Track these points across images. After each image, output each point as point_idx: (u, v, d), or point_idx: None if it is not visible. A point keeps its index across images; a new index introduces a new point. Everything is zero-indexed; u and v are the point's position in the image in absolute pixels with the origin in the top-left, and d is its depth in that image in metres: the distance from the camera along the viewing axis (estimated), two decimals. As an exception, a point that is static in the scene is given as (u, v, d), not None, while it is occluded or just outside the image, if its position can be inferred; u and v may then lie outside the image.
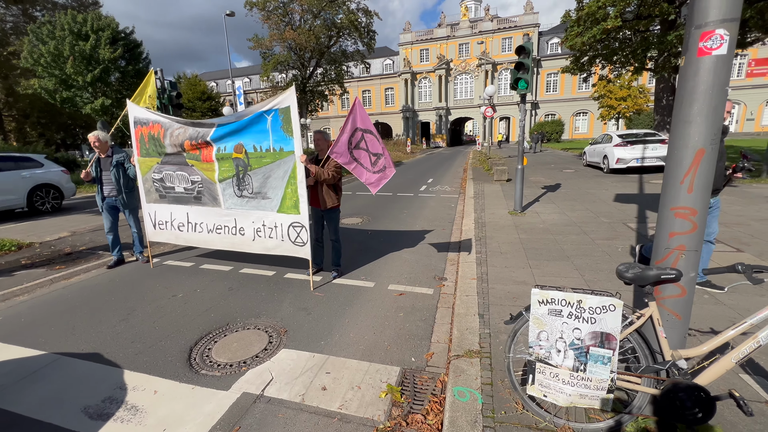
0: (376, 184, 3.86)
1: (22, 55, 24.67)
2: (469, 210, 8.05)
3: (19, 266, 5.09)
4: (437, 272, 4.60)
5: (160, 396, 2.48)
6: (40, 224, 8.32)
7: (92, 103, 24.55)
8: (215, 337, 3.22)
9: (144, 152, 4.73)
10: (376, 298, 3.90)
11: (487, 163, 16.63)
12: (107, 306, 3.89)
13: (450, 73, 48.11)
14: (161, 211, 4.85)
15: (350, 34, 34.97)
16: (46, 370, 2.79)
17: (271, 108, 3.79)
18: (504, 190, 10.36)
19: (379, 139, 3.81)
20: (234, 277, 4.60)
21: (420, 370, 2.71)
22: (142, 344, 3.12)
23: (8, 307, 3.95)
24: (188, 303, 3.90)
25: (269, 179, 4.00)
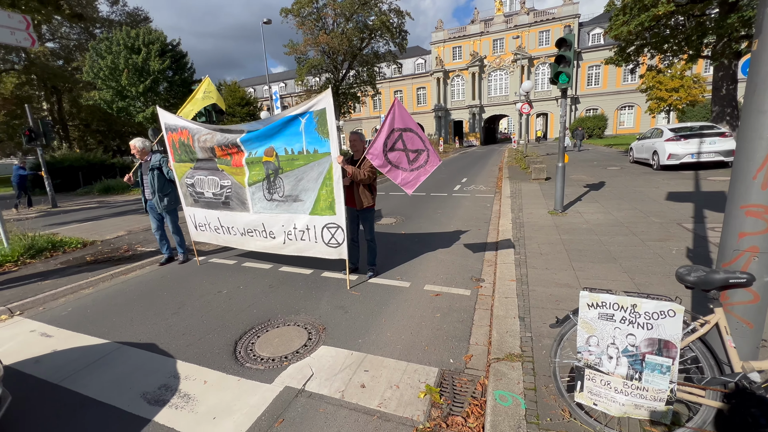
0: (413, 183, 3.85)
1: (84, 70, 27.07)
2: (505, 210, 7.82)
3: (84, 263, 5.57)
4: (474, 273, 4.51)
5: (210, 386, 2.62)
6: (101, 224, 9.08)
7: (144, 111, 26.43)
8: (258, 332, 3.36)
9: (177, 158, 5.00)
10: (412, 299, 3.89)
11: (524, 161, 16.08)
12: (160, 300, 4.17)
13: (484, 70, 47.02)
14: (198, 214, 5.11)
15: (382, 36, 35.18)
16: (110, 357, 3.04)
17: (305, 111, 3.88)
18: (543, 189, 9.97)
19: (420, 135, 3.80)
20: (274, 275, 4.77)
21: (459, 371, 2.66)
22: (192, 336, 3.31)
23: (76, 299, 4.34)
24: (232, 299, 4.09)
25: (302, 181, 4.09)
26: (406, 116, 3.77)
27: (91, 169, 19.18)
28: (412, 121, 3.80)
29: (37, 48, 29.94)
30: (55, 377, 2.79)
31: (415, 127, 3.79)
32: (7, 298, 4.24)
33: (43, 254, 6.01)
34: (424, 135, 3.83)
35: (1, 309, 3.96)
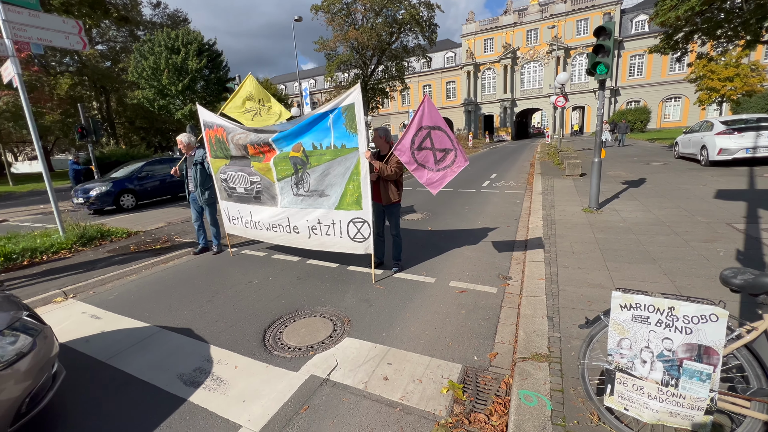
0: (438, 183, 3.81)
1: (129, 70, 28.76)
2: (536, 207, 7.58)
3: (128, 252, 5.97)
4: (501, 271, 4.42)
5: (240, 371, 2.74)
6: (143, 216, 9.67)
7: (182, 109, 27.74)
8: (285, 321, 3.47)
9: (213, 153, 5.21)
10: (436, 294, 3.87)
11: (558, 156, 15.46)
12: (195, 288, 4.40)
13: (516, 62, 45.52)
14: (232, 208, 5.32)
15: (411, 29, 34.86)
16: (150, 339, 3.25)
17: (333, 107, 3.93)
18: (577, 186, 9.57)
19: (449, 134, 3.74)
20: (301, 268, 4.90)
21: (483, 369, 2.63)
22: (224, 323, 3.48)
23: (121, 285, 4.66)
24: (262, 289, 4.24)
25: (328, 176, 4.15)
26: (435, 114, 3.72)
27: (135, 164, 20.40)
28: (441, 119, 3.75)
29: (87, 51, 32.14)
30: (103, 355, 3.03)
31: (443, 125, 3.74)
32: (62, 283, 4.63)
33: (93, 243, 6.50)
34: (452, 134, 3.77)
35: (57, 292, 4.33)
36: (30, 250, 5.79)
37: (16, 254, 5.61)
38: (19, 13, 5.69)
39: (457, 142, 3.76)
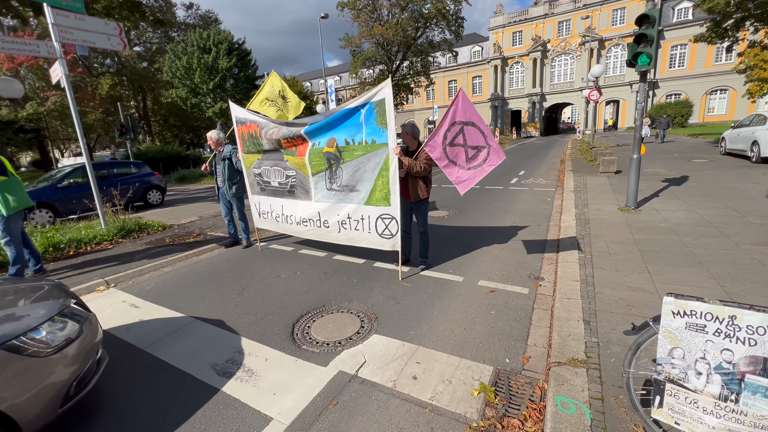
0: (468, 182, 3.70)
1: (164, 70, 29.99)
2: (568, 205, 7.29)
3: (164, 244, 6.22)
4: (532, 271, 4.27)
5: (270, 363, 2.79)
6: (176, 210, 10.07)
7: (213, 107, 28.67)
8: (313, 316, 3.50)
9: (246, 149, 5.31)
10: (465, 293, 3.79)
11: (591, 152, 14.83)
12: (226, 281, 4.52)
13: (546, 56, 43.96)
14: (263, 202, 5.42)
15: (437, 24, 34.36)
16: (185, 330, 3.36)
17: (364, 102, 3.91)
18: (612, 184, 9.13)
19: (483, 130, 3.61)
20: (328, 263, 4.94)
21: (515, 372, 2.55)
22: (254, 316, 3.55)
23: (158, 276, 4.86)
24: (290, 283, 4.31)
25: (359, 171, 4.15)
26: (470, 109, 3.61)
27: (169, 160, 21.35)
28: (476, 114, 3.62)
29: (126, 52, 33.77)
30: (142, 343, 3.16)
31: (478, 121, 3.61)
32: (104, 273, 4.88)
33: (131, 235, 6.82)
34: (487, 129, 3.63)
35: (100, 281, 4.57)
36: (75, 240, 6.15)
37: (63, 244, 5.98)
38: (66, 17, 6.02)
39: (492, 138, 3.62)
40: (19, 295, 2.37)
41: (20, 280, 2.73)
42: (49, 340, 2.04)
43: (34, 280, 2.67)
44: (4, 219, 4.15)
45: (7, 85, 10.73)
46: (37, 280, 2.65)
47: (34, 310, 2.14)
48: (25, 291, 2.43)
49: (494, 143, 3.62)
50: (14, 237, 4.24)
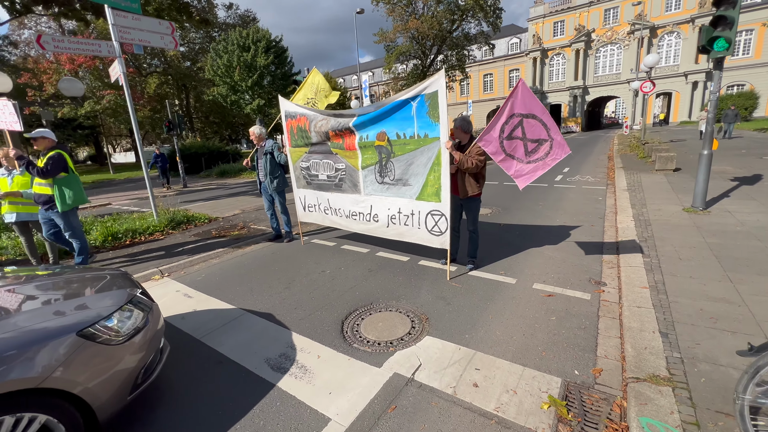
0: (528, 176, 3.48)
1: (206, 69, 31.27)
2: (623, 204, 6.80)
3: (210, 236, 6.42)
4: (592, 275, 3.97)
5: (323, 361, 2.74)
6: (220, 203, 10.42)
7: (251, 104, 29.57)
8: (362, 314, 3.43)
9: (294, 143, 5.33)
10: (519, 297, 3.58)
11: (643, 148, 13.83)
12: (272, 274, 4.56)
13: (590, 46, 41.65)
14: (309, 196, 5.43)
15: (474, 16, 33.41)
16: (237, 321, 3.40)
17: (416, 94, 3.77)
18: (671, 182, 8.43)
19: (545, 122, 3.35)
20: (372, 260, 4.86)
21: (587, 386, 2.34)
22: (303, 311, 3.53)
23: (207, 267, 5.00)
24: (335, 279, 4.27)
25: (411, 166, 4.03)
26: (530, 100, 3.36)
27: (210, 155, 22.24)
28: (537, 105, 3.37)
29: (173, 51, 35.54)
30: (197, 333, 3.22)
31: (540, 112, 3.37)
32: (158, 263, 5.09)
33: (180, 226, 7.11)
34: (551, 122, 3.36)
35: (155, 271, 4.76)
36: (131, 231, 6.48)
37: (120, 234, 6.32)
38: (124, 17, 6.31)
39: (556, 131, 3.36)
40: (89, 284, 2.45)
41: (88, 270, 2.84)
42: (119, 328, 2.09)
43: (101, 270, 2.77)
44: (64, 214, 4.33)
45: (70, 84, 11.51)
46: (104, 270, 2.75)
47: (104, 299, 2.20)
48: (95, 280, 2.51)
49: (558, 136, 3.35)
50: (76, 229, 4.46)
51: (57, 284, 2.45)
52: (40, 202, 4.27)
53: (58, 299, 2.21)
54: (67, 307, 2.06)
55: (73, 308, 2.06)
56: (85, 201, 4.60)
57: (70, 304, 2.10)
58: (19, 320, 1.86)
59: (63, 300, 2.19)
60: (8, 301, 2.12)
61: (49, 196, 4.21)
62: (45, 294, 2.29)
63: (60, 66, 25.91)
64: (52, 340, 1.77)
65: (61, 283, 2.46)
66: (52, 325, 1.86)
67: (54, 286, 2.43)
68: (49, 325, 1.85)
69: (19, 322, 1.84)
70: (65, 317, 1.94)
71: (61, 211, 4.22)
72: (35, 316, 1.93)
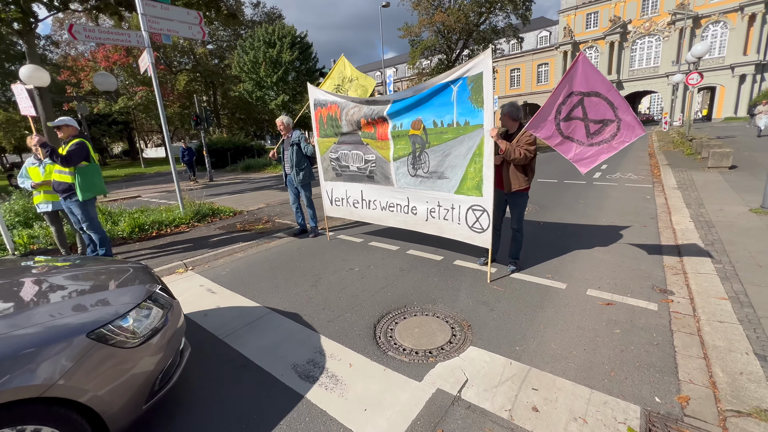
0: (591, 160, 3.07)
1: (233, 65, 31.76)
2: (677, 204, 6.18)
3: (235, 230, 6.29)
4: (655, 282, 3.50)
5: (356, 370, 2.46)
6: (244, 197, 10.39)
7: (276, 99, 29.81)
8: (395, 317, 3.13)
9: (323, 133, 5.06)
10: (573, 304, 3.17)
11: (689, 145, 12.83)
12: (298, 271, 4.33)
13: (626, 38, 39.57)
14: (337, 189, 5.16)
15: (502, 8, 32.35)
16: (262, 321, 3.18)
17: (458, 77, 3.41)
18: (728, 180, 7.67)
19: (612, 100, 2.91)
20: (402, 257, 4.55)
21: (674, 418, 1.94)
22: (331, 312, 3.27)
23: (231, 261, 4.84)
24: (365, 278, 3.99)
25: (449, 157, 3.68)
26: (593, 76, 2.95)
27: (236, 150, 22.55)
28: (601, 82, 2.94)
29: (200, 50, 36.37)
30: (220, 332, 3.02)
31: (605, 90, 2.93)
32: (183, 255, 4.97)
33: (205, 219, 7.04)
34: (619, 100, 2.91)
35: (179, 264, 4.64)
36: (158, 223, 6.45)
37: (147, 226, 6.28)
38: (153, 7, 6.23)
39: (625, 110, 2.90)
40: (105, 278, 2.26)
41: (105, 261, 2.67)
42: (135, 328, 1.87)
43: (120, 262, 2.58)
44: (83, 204, 4.24)
45: (104, 79, 11.75)
46: (123, 263, 2.56)
47: (120, 296, 1.99)
48: (112, 274, 2.32)
49: (628, 116, 2.89)
50: (93, 220, 4.36)
51: (70, 278, 2.26)
52: (60, 190, 4.19)
53: (70, 295, 2.01)
54: (78, 305, 1.85)
55: (85, 306, 1.85)
56: (104, 191, 4.51)
57: (81, 301, 1.90)
58: (23, 320, 1.66)
59: (75, 296, 1.99)
60: (14, 296, 1.94)
61: (69, 184, 4.13)
62: (56, 289, 2.10)
63: (96, 64, 26.95)
64: (58, 343, 1.56)
65: (75, 277, 2.27)
66: (60, 325, 1.65)
67: (67, 280, 2.24)
68: (56, 325, 1.64)
69: (22, 321, 1.64)
70: (75, 316, 1.73)
71: (82, 200, 4.13)
72: (42, 314, 1.73)
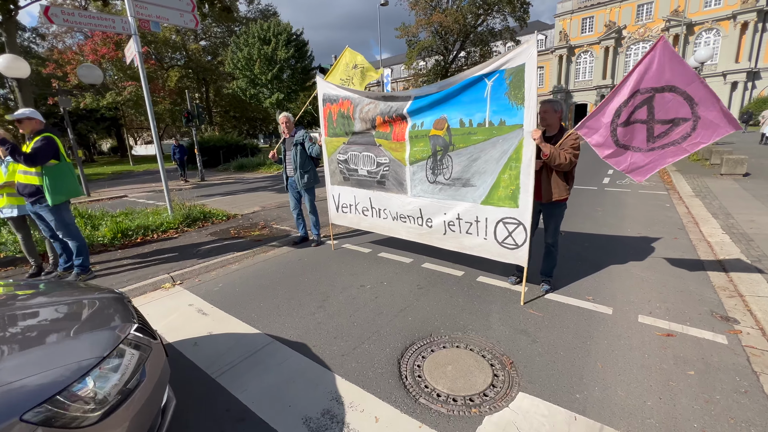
0: (650, 167, 2.65)
1: (226, 62, 30.98)
2: (702, 214, 5.83)
3: (229, 236, 5.75)
4: (711, 306, 3.09)
5: (384, 426, 1.98)
6: (238, 199, 9.81)
7: (270, 98, 29.14)
8: (421, 350, 2.66)
9: (331, 132, 4.57)
10: (626, 335, 2.74)
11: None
12: (302, 288, 3.83)
13: (621, 43, 39.74)
14: (345, 194, 4.67)
15: (500, 10, 32.26)
16: (263, 353, 2.67)
17: (493, 70, 2.96)
18: (746, 188, 7.38)
19: (690, 95, 2.44)
20: (418, 272, 4.08)
21: (807, 506, 1.50)
22: (345, 342, 2.78)
23: (225, 275, 4.31)
24: (379, 297, 3.51)
25: (477, 162, 3.22)
26: (673, 66, 2.44)
27: (228, 149, 21.85)
28: (682, 74, 2.46)
29: (193, 45, 35.50)
30: (213, 369, 2.51)
31: (685, 82, 2.45)
32: (170, 266, 4.43)
33: (196, 224, 6.48)
34: (702, 93, 2.45)
35: (166, 277, 4.09)
36: (143, 227, 5.87)
37: (131, 231, 5.71)
38: (141, -10, 5.67)
39: (709, 106, 2.41)
40: (60, 318, 1.74)
41: (67, 289, 2.13)
42: (97, 392, 1.37)
43: (87, 291, 2.05)
44: (54, 209, 3.69)
45: (89, 71, 11.07)
46: (91, 291, 2.04)
47: (78, 348, 1.48)
48: (71, 311, 1.80)
49: (711, 113, 2.41)
50: (70, 226, 3.81)
51: (10, 321, 1.70)
52: (26, 193, 3.62)
53: (9, 353, 1.47)
54: (14, 367, 1.33)
55: (24, 367, 1.33)
56: (78, 193, 3.96)
57: (20, 360, 1.38)
58: None
59: (12, 352, 1.45)
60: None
61: (36, 186, 3.57)
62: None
63: (84, 57, 25.98)
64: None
65: (16, 319, 1.72)
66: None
67: (5, 324, 1.69)
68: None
69: None
70: (4, 388, 1.21)
71: (52, 205, 3.57)
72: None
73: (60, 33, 34.85)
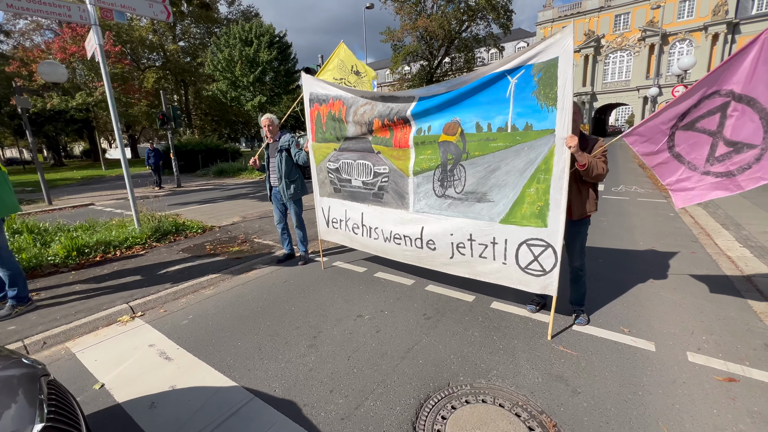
0: (697, 194, 2.25)
1: (206, 64, 29.92)
2: (710, 224, 5.58)
3: (204, 253, 5.11)
4: (764, 339, 2.71)
5: None
6: (216, 207, 9.10)
7: (252, 100, 28.23)
8: (440, 407, 2.14)
9: (320, 136, 4.03)
10: (681, 380, 2.30)
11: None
12: (289, 319, 3.26)
13: (600, 52, 40.81)
14: (335, 207, 4.12)
15: (483, 17, 32.50)
16: (240, 419, 2.10)
17: (518, 65, 2.51)
18: (745, 196, 7.22)
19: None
20: (422, 297, 3.57)
21: None
22: (344, 398, 2.23)
23: (197, 302, 3.68)
24: (381, 332, 2.97)
25: (496, 173, 2.76)
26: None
27: (208, 153, 20.88)
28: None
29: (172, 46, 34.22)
30: (173, 445, 1.92)
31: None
32: (131, 292, 3.76)
33: (167, 238, 5.78)
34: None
35: (125, 308, 3.44)
36: (104, 243, 5.16)
37: (89, 248, 4.99)
38: (103, -25, 5.01)
39: None
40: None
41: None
42: None
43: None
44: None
45: (51, 68, 10.15)
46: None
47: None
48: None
49: None
50: (3, 250, 3.13)
51: None
52: None
53: None
54: None
55: None
56: (16, 209, 3.27)
57: None
58: None
59: None
60: None
61: (-41, 204, 2.89)
62: None
63: (51, 56, 24.49)
64: None
65: None
66: None
67: None
68: None
69: None
70: None
71: None
72: None
73: (27, 30, 33.02)
